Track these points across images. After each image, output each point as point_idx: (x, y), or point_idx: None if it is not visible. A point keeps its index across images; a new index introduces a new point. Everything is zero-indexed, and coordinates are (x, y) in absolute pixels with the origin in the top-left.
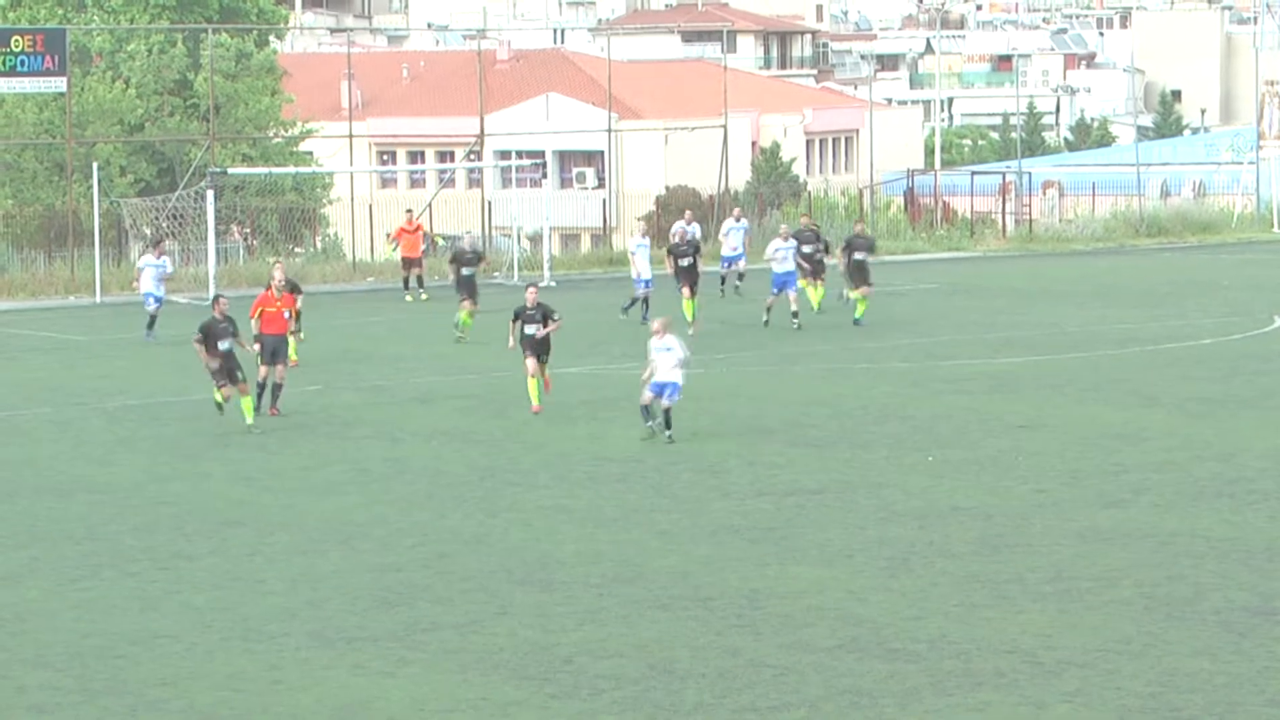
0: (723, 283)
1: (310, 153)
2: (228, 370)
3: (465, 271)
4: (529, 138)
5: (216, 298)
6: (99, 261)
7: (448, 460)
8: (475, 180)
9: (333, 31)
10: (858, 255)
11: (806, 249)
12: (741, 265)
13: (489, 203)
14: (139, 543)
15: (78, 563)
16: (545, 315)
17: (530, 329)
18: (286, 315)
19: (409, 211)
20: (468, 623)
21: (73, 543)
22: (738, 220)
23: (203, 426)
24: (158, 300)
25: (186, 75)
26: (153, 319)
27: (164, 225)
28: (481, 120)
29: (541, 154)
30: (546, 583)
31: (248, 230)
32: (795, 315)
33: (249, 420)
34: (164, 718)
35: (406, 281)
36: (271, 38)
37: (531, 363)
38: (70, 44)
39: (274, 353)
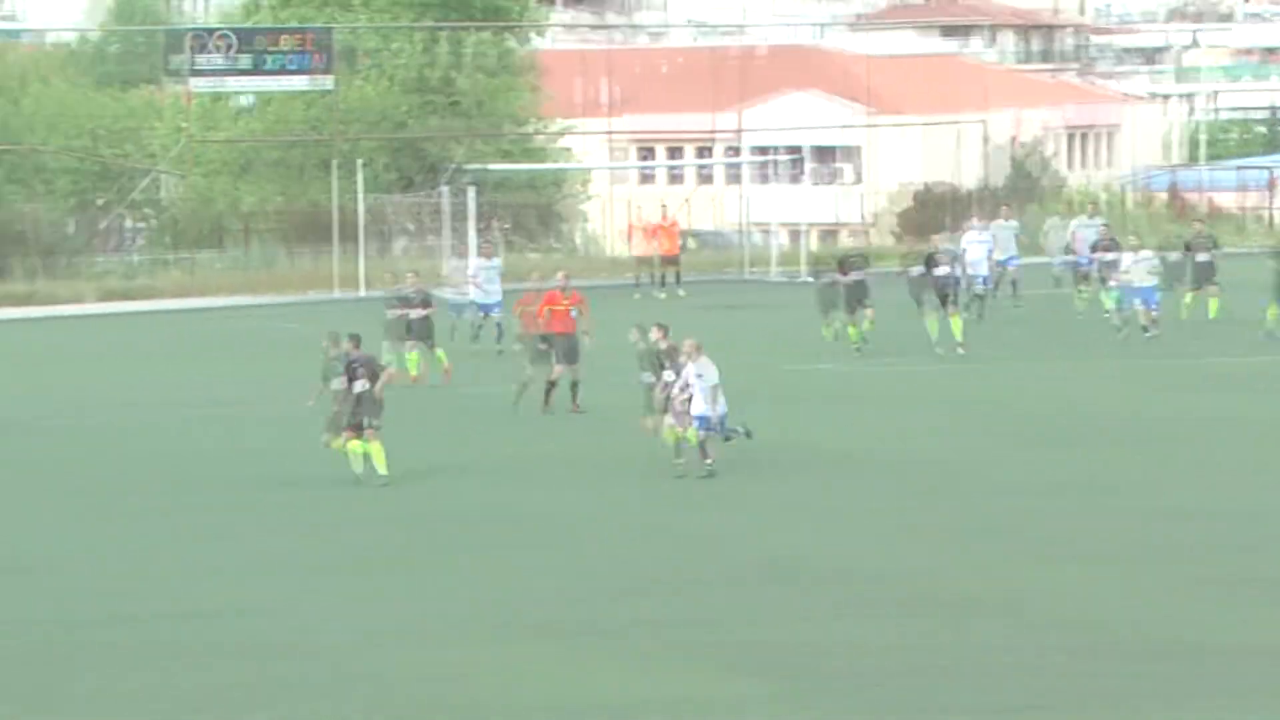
0: (1013, 287)
1: (569, 149)
2: (355, 417)
3: (852, 277)
4: (785, 133)
5: (336, 336)
6: (363, 256)
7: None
8: (733, 176)
9: (593, 28)
10: (1201, 256)
11: (1202, 257)
12: (1013, 269)
13: (745, 199)
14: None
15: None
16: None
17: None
18: (575, 314)
19: (664, 207)
20: (709, 619)
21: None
22: (1006, 220)
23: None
24: (485, 308)
25: (449, 73)
26: (480, 327)
27: (426, 221)
28: (740, 115)
29: (799, 149)
30: (790, 580)
31: (507, 226)
32: (1146, 328)
33: (381, 471)
34: (389, 710)
35: (663, 279)
36: (533, 34)
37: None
38: (337, 43)
39: (565, 352)
